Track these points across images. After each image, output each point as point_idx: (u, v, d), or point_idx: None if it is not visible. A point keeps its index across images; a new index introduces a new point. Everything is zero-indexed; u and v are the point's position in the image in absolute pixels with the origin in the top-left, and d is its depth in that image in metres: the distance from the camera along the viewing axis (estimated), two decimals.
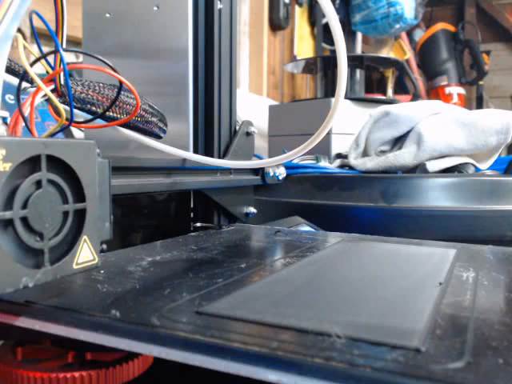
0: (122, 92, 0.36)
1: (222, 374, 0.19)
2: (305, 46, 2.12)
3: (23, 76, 0.29)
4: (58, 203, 0.23)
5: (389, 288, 0.28)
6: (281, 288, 0.27)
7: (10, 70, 0.33)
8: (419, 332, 0.20)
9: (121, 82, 0.32)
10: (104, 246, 0.28)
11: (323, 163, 0.85)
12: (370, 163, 0.76)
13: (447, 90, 2.34)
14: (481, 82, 2.35)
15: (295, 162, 0.85)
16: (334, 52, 0.35)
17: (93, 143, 0.26)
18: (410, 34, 2.44)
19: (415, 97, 1.95)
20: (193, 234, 0.48)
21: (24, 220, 0.22)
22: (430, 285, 0.28)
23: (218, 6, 0.54)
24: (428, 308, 0.23)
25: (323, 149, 0.96)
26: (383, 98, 1.26)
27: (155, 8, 0.54)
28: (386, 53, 1.80)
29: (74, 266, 0.24)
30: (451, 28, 2.42)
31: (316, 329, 0.20)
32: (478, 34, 2.43)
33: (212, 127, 0.54)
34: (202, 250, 0.38)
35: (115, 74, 0.30)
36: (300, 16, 2.05)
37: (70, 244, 0.24)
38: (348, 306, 0.24)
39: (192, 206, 0.54)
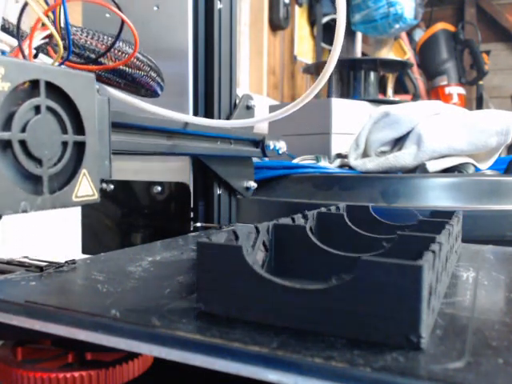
0: (122, 42, 0.36)
1: (222, 374, 0.19)
2: (305, 46, 2.12)
3: (23, 8, 0.29)
4: (57, 132, 0.24)
5: None
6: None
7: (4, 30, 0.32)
8: (419, 333, 0.20)
9: (122, 21, 0.32)
10: (104, 185, 0.28)
11: (323, 163, 0.85)
12: (370, 164, 0.76)
13: (447, 89, 2.34)
14: (481, 82, 2.35)
15: (295, 161, 0.85)
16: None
17: (92, 76, 0.26)
18: (409, 34, 2.44)
19: (415, 97, 1.95)
20: (193, 233, 0.48)
21: (23, 144, 0.22)
22: None
23: (218, 6, 0.54)
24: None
25: (323, 149, 0.96)
26: (396, 99, 1.27)
27: (155, 8, 0.54)
28: (386, 53, 1.80)
29: (74, 199, 0.24)
30: (451, 28, 2.42)
31: (316, 329, 0.20)
32: (478, 34, 2.43)
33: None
34: None
35: (116, 10, 0.30)
36: (300, 16, 2.05)
37: (69, 175, 0.24)
38: None
39: (192, 205, 0.54)
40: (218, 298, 0.22)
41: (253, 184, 0.59)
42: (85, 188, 0.25)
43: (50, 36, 0.29)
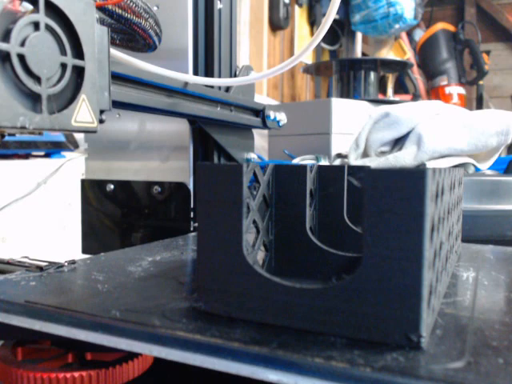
0: None
1: (221, 374, 0.19)
2: (305, 46, 2.11)
3: None
4: (56, 52, 0.24)
5: None
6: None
7: None
8: (419, 332, 0.20)
9: None
10: (104, 117, 0.28)
11: (323, 163, 0.85)
12: (370, 164, 0.76)
13: (447, 89, 2.34)
14: (481, 82, 2.35)
15: (295, 161, 0.85)
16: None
17: (92, 2, 0.26)
18: (409, 34, 2.44)
19: (415, 97, 1.95)
20: (193, 233, 0.48)
21: (21, 58, 0.22)
22: None
23: (218, 5, 0.54)
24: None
25: (323, 149, 0.96)
26: (396, 99, 1.27)
27: (155, 8, 0.54)
28: (386, 53, 1.80)
29: (73, 123, 0.25)
30: (451, 28, 2.42)
31: (316, 328, 0.20)
32: (477, 34, 2.43)
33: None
34: None
35: None
36: (300, 16, 2.05)
37: (69, 99, 0.25)
38: None
39: (192, 205, 0.54)
40: (218, 298, 0.22)
41: (253, 156, 0.58)
42: (84, 114, 0.26)
43: None
